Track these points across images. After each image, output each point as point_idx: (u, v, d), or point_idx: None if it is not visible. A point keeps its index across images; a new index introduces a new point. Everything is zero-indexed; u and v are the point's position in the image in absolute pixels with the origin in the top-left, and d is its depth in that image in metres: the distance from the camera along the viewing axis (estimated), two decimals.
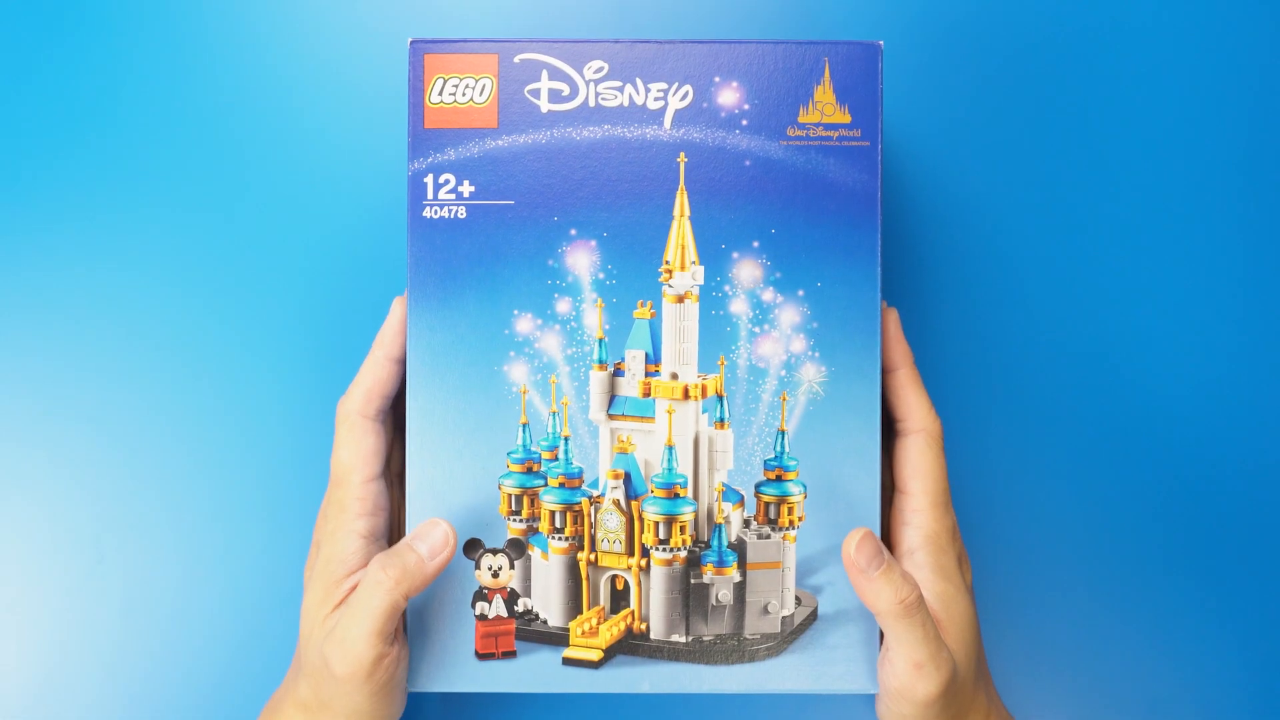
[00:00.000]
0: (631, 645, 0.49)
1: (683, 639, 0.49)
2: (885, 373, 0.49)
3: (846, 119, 0.48)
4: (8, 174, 0.58)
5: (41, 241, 0.58)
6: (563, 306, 0.48)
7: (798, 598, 0.49)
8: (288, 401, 0.58)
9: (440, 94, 0.48)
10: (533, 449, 0.48)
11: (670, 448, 0.49)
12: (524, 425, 0.48)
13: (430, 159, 0.48)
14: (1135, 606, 0.58)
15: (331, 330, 0.58)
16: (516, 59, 0.48)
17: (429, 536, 0.47)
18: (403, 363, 0.49)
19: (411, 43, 0.48)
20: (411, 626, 0.48)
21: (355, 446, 0.48)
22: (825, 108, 0.48)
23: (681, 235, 0.48)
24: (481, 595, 0.48)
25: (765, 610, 0.49)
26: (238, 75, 0.59)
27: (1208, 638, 0.58)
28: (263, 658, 0.56)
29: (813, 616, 0.49)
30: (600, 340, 0.48)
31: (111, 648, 0.57)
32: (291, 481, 0.57)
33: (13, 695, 0.56)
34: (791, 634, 0.49)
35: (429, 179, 0.48)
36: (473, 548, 0.48)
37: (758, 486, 0.49)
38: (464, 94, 0.48)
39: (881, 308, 0.48)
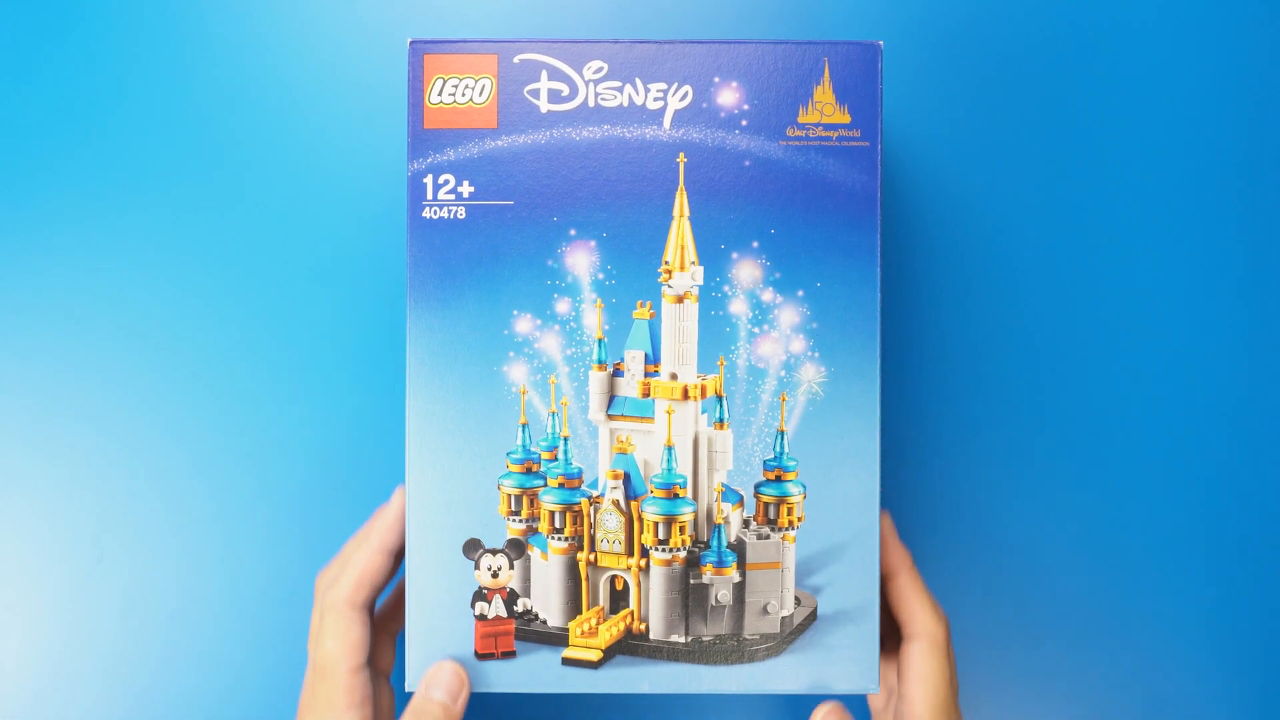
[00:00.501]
0: (631, 645, 0.49)
1: (682, 639, 0.49)
2: (885, 579, 0.49)
3: (846, 119, 0.48)
4: (8, 174, 0.58)
5: (41, 241, 0.58)
6: (562, 307, 0.48)
7: (797, 598, 0.49)
8: (287, 401, 0.58)
9: (440, 94, 0.48)
10: (532, 449, 0.48)
11: (670, 448, 0.49)
12: (523, 425, 0.48)
13: (430, 159, 0.48)
14: (1138, 613, 0.58)
15: (331, 330, 0.58)
16: (516, 59, 0.48)
17: (440, 680, 0.47)
18: (395, 554, 0.48)
19: (411, 43, 0.48)
20: (411, 627, 0.48)
21: (342, 637, 0.46)
22: (825, 108, 0.48)
23: (681, 235, 0.48)
24: (481, 595, 0.48)
25: (764, 610, 0.49)
26: (238, 75, 0.59)
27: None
28: (263, 658, 0.56)
29: (812, 617, 0.48)
30: (600, 340, 0.48)
31: (111, 648, 0.57)
32: (292, 481, 0.57)
33: (13, 695, 0.57)
34: (791, 634, 0.49)
35: (428, 179, 0.48)
36: (472, 548, 0.48)
37: (757, 487, 0.49)
38: (463, 94, 0.48)
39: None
